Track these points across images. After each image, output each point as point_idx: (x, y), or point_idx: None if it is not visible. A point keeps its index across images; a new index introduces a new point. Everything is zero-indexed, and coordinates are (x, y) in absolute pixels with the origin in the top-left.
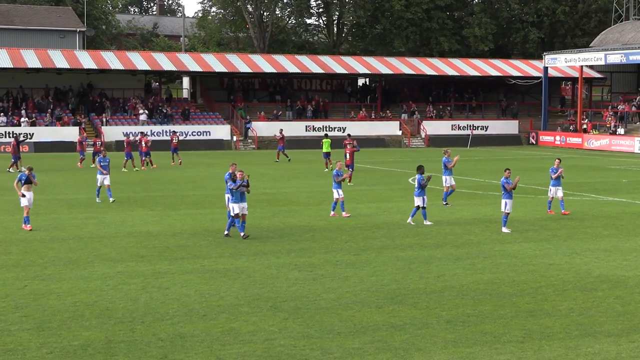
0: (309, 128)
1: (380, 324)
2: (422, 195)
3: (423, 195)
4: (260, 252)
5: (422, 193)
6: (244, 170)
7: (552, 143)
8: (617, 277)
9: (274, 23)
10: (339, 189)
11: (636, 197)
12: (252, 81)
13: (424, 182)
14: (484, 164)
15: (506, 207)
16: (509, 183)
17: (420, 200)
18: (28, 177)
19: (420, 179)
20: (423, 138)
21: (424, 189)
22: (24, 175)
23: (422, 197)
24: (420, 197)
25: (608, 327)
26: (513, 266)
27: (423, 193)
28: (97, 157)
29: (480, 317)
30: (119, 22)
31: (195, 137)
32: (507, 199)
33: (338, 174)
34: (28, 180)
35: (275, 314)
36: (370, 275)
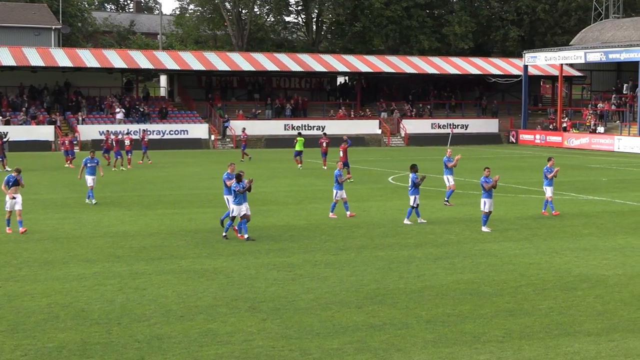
0: (288, 127)
1: (359, 324)
2: (415, 194)
3: (416, 195)
4: (239, 252)
5: (415, 192)
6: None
7: (532, 142)
8: (596, 276)
9: (252, 21)
10: (339, 190)
11: (616, 195)
12: (231, 79)
13: (418, 181)
14: (464, 163)
15: (485, 207)
16: (488, 182)
17: (412, 199)
18: (16, 180)
19: (414, 177)
20: (403, 137)
21: (417, 187)
22: (12, 178)
23: (415, 196)
24: (413, 196)
25: (588, 327)
26: (493, 265)
27: (416, 192)
28: (73, 156)
29: (460, 316)
30: (95, 19)
31: (172, 136)
32: (486, 198)
33: (340, 175)
34: (16, 182)
35: (254, 314)
36: (350, 275)
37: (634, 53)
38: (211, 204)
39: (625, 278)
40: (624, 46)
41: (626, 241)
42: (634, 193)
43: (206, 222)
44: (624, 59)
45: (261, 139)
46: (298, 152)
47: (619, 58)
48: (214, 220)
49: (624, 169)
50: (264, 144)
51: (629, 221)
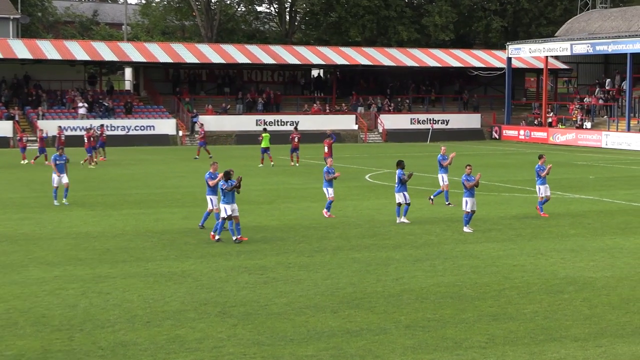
0: (260, 122)
1: (335, 329)
2: (402, 191)
3: (404, 192)
4: (208, 254)
5: (403, 189)
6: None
7: (516, 138)
8: (584, 278)
9: (222, 10)
10: (329, 188)
11: (604, 194)
12: (199, 72)
13: (405, 178)
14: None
15: (467, 206)
16: (470, 180)
17: (401, 197)
18: None
19: (401, 174)
20: (380, 132)
21: (404, 184)
22: None
23: (403, 193)
24: (401, 194)
25: (574, 331)
26: (475, 268)
27: (404, 189)
28: (42, 153)
29: (441, 321)
30: (56, 9)
31: (138, 132)
32: (468, 197)
33: (329, 172)
34: None
35: (224, 319)
36: (325, 278)
37: (622, 45)
38: (179, 204)
39: (614, 280)
40: (612, 37)
41: (614, 242)
42: (622, 191)
43: (174, 222)
44: (611, 50)
45: (231, 135)
46: (264, 148)
47: (606, 50)
48: (182, 220)
49: (612, 166)
50: (234, 140)
51: (617, 221)
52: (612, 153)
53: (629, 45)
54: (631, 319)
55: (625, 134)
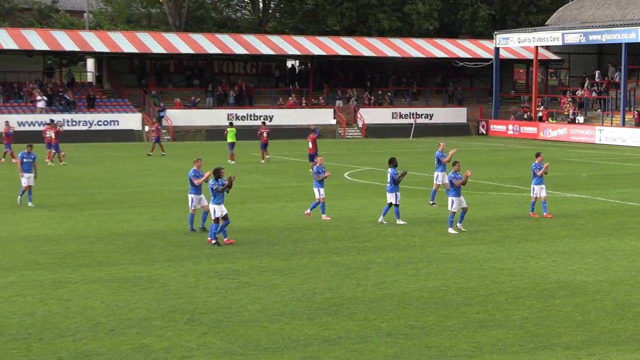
0: (232, 116)
1: (312, 338)
2: (394, 191)
3: (396, 192)
4: (176, 258)
5: (395, 189)
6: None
7: (505, 133)
8: (576, 282)
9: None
10: (320, 188)
11: (597, 193)
12: (167, 63)
13: (398, 177)
14: (428, 157)
15: (453, 206)
16: (458, 178)
17: (392, 197)
18: None
19: (394, 173)
20: (360, 128)
21: (397, 184)
22: None
23: (395, 193)
24: (393, 194)
25: (566, 339)
26: (461, 271)
27: (396, 189)
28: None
29: (424, 329)
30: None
31: (101, 127)
32: (454, 196)
33: (319, 171)
34: None
35: (193, 327)
36: (301, 283)
37: (616, 34)
38: (146, 204)
39: (608, 285)
40: (606, 26)
41: (608, 244)
42: (617, 190)
43: (140, 224)
44: (605, 40)
45: (201, 131)
46: (231, 144)
47: (600, 40)
48: (149, 222)
49: (606, 163)
50: (204, 135)
51: (611, 221)
52: (606, 149)
53: (623, 35)
54: (626, 325)
55: (620, 128)
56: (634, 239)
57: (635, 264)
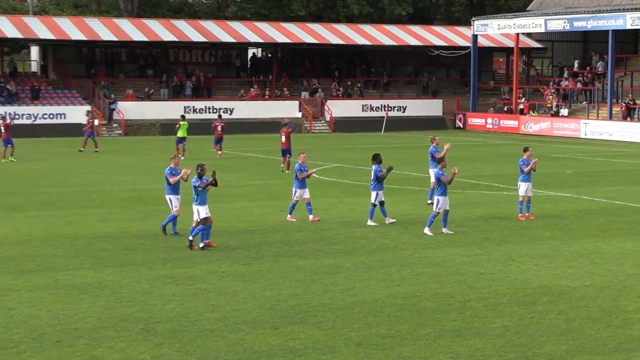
0: (189, 109)
1: (276, 348)
2: (377, 189)
3: (379, 190)
4: (129, 263)
5: (379, 187)
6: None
7: (483, 127)
8: (560, 288)
9: None
10: (300, 188)
11: (582, 191)
12: (118, 52)
13: (382, 174)
14: (401, 152)
15: (438, 206)
16: (446, 176)
17: (374, 196)
18: None
19: (378, 169)
20: (328, 121)
21: (381, 181)
22: None
23: (377, 191)
24: (375, 192)
25: (549, 348)
26: (436, 276)
27: (379, 187)
28: None
29: (397, 338)
30: None
31: (46, 120)
32: (440, 195)
33: (302, 169)
34: None
35: (147, 338)
36: (264, 290)
37: (603, 20)
38: (95, 204)
39: (593, 290)
40: (592, 12)
41: (594, 246)
42: (603, 188)
43: (89, 226)
44: (591, 27)
45: (155, 124)
46: (181, 138)
47: (585, 26)
48: (98, 224)
49: (591, 159)
50: (159, 130)
51: (597, 222)
52: (592, 144)
53: (610, 21)
54: (613, 333)
55: (606, 122)
56: (622, 241)
57: (623, 268)
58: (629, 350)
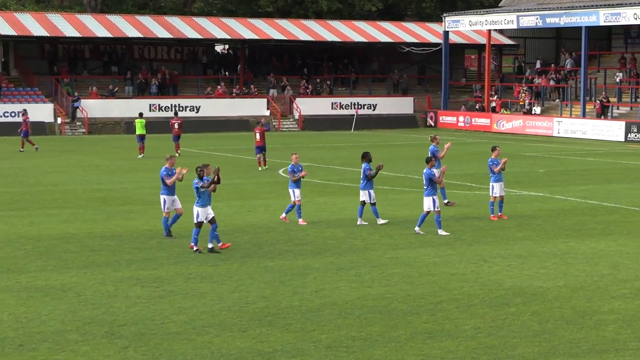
0: (154, 107)
1: (244, 351)
2: (367, 188)
3: (369, 189)
4: (93, 264)
5: (369, 186)
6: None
7: (455, 125)
8: (533, 288)
9: None
10: (295, 190)
11: (556, 190)
12: (81, 48)
13: (371, 173)
14: (371, 151)
15: (433, 205)
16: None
17: (365, 195)
18: None
19: (367, 168)
20: (296, 119)
21: (370, 180)
22: None
23: (368, 190)
24: (366, 191)
25: (522, 350)
26: (408, 277)
27: (369, 186)
28: None
29: (368, 340)
30: None
31: (7, 119)
32: (431, 195)
33: (294, 171)
34: None
35: (112, 341)
36: (232, 291)
37: (576, 17)
38: (58, 204)
39: (567, 291)
40: (564, 8)
41: (568, 246)
42: (577, 187)
43: (52, 226)
44: (564, 23)
45: (120, 123)
46: (140, 136)
47: (558, 23)
48: (62, 224)
49: (565, 158)
50: (123, 128)
51: (571, 221)
52: (566, 142)
53: (584, 18)
54: (587, 335)
55: (580, 120)
56: (595, 241)
57: (597, 268)
58: (602, 352)
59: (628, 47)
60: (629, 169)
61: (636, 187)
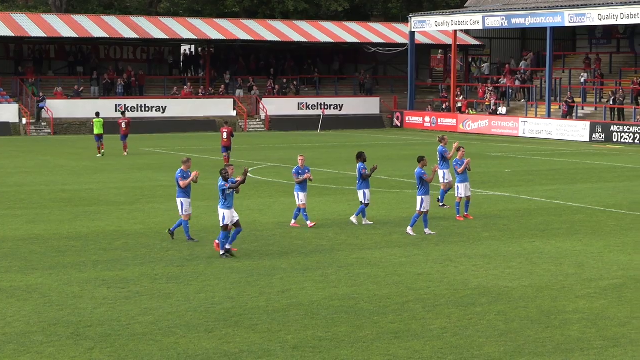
0: (120, 107)
1: (210, 352)
2: (363, 188)
3: (365, 189)
4: (59, 265)
5: (364, 186)
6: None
7: (421, 125)
8: (498, 288)
9: None
10: (300, 192)
11: (521, 190)
12: (47, 48)
13: (366, 173)
14: (338, 152)
15: (422, 205)
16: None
17: (360, 194)
18: None
19: (361, 168)
20: (263, 120)
21: (366, 180)
22: None
23: (364, 190)
24: (361, 191)
25: (488, 350)
26: (374, 277)
27: (365, 186)
28: None
29: (334, 340)
30: None
31: None
32: (423, 194)
33: (298, 173)
34: None
35: (78, 342)
36: (198, 292)
37: (541, 17)
38: (23, 205)
39: (532, 290)
40: (530, 9)
41: (533, 246)
42: (542, 187)
43: (17, 227)
44: (529, 24)
45: (86, 123)
46: (98, 136)
47: (523, 23)
48: (27, 225)
49: (530, 158)
50: (89, 129)
51: (536, 221)
52: (531, 143)
53: (549, 19)
54: (552, 334)
55: (545, 120)
56: (561, 241)
57: (562, 268)
58: (567, 351)
59: (593, 47)
60: (594, 169)
61: (601, 187)
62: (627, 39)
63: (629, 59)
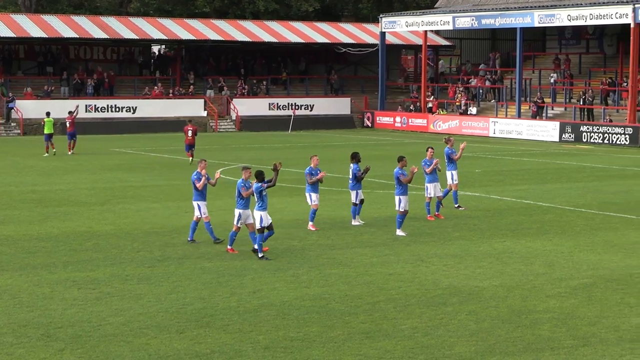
0: (90, 108)
1: (181, 352)
2: (356, 189)
3: (357, 189)
4: (28, 266)
5: (357, 186)
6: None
7: (392, 125)
8: (469, 288)
9: None
10: (312, 193)
11: (491, 190)
12: (16, 49)
13: (360, 174)
14: (308, 151)
15: (400, 205)
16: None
17: (353, 195)
18: None
19: (356, 169)
20: (234, 120)
21: (359, 181)
22: None
23: (356, 191)
24: (354, 191)
25: (459, 349)
26: (345, 277)
27: (358, 187)
28: None
29: (305, 341)
30: None
31: None
32: (401, 194)
33: (311, 173)
34: None
35: (48, 344)
36: (169, 293)
37: (511, 18)
38: None
39: (503, 290)
40: (500, 10)
41: (504, 245)
42: (512, 187)
43: None
44: (499, 25)
45: (56, 124)
46: (48, 135)
47: (493, 24)
48: None
49: (500, 158)
50: (59, 129)
51: (506, 221)
52: (501, 143)
53: (518, 19)
54: (523, 333)
55: (515, 120)
56: (531, 240)
57: (532, 267)
58: (538, 351)
59: (562, 48)
60: (564, 169)
61: (570, 187)
62: (596, 39)
63: (598, 59)
